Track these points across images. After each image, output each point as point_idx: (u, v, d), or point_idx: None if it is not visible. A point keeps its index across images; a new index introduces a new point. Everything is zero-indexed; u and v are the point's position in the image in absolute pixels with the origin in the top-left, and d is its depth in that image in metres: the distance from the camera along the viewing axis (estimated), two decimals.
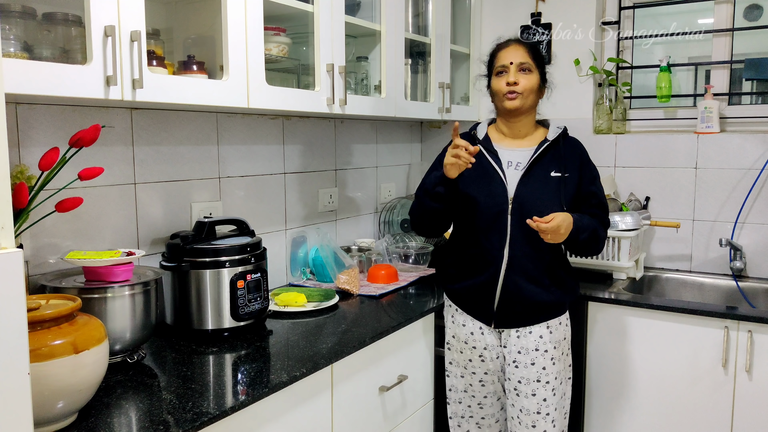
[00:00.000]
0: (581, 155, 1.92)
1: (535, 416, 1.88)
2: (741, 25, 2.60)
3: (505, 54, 1.88)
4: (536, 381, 1.87)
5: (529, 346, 1.88)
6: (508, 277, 1.85)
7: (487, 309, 1.89)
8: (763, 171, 2.48)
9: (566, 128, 1.94)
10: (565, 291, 1.91)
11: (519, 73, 1.85)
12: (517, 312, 1.87)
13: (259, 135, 2.24)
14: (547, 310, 1.89)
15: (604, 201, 1.93)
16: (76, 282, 1.51)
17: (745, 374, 2.02)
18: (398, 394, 1.95)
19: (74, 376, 1.18)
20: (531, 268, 1.84)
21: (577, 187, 1.88)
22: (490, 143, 1.92)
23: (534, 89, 1.87)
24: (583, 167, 1.91)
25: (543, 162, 1.87)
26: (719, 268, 2.59)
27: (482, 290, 1.88)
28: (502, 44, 1.92)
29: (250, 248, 1.82)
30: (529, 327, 1.88)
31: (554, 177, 1.86)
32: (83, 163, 1.60)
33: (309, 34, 2.02)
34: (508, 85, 1.84)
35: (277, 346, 1.72)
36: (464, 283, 1.92)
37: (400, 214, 2.87)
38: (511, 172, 1.87)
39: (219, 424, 1.30)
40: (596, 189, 1.92)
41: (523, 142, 1.92)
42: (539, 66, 1.89)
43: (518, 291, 1.85)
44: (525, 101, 1.86)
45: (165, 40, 1.76)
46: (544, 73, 1.93)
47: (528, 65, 1.85)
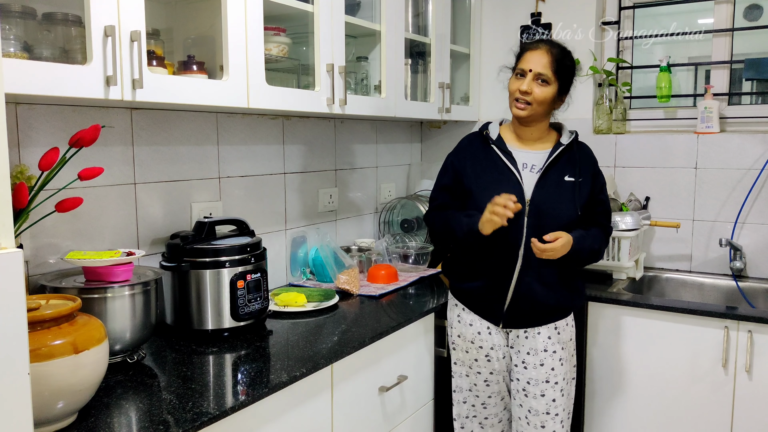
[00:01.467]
0: (594, 163, 1.94)
1: (544, 417, 1.88)
2: (741, 25, 2.60)
3: (529, 57, 1.82)
4: (545, 382, 1.87)
5: (537, 347, 1.88)
6: (521, 278, 1.84)
7: (497, 309, 1.89)
8: (763, 171, 2.48)
9: (577, 133, 1.94)
10: (574, 294, 1.92)
11: (534, 81, 1.80)
12: (527, 313, 1.87)
13: (259, 135, 2.24)
14: (555, 312, 1.89)
15: (609, 209, 1.97)
16: (76, 282, 1.51)
17: (745, 374, 2.02)
18: (398, 394, 1.95)
19: (74, 376, 1.17)
20: (545, 271, 1.84)
21: (590, 193, 1.89)
22: (504, 144, 1.90)
23: (547, 101, 1.82)
24: (596, 174, 1.93)
25: (558, 166, 1.86)
26: (719, 268, 2.59)
27: (494, 290, 1.88)
28: (532, 45, 1.85)
29: (250, 248, 1.82)
30: (537, 328, 1.88)
31: (568, 181, 1.86)
32: (83, 163, 1.60)
33: (309, 34, 2.02)
34: (521, 92, 1.81)
35: (277, 346, 1.72)
36: (476, 282, 1.91)
37: (400, 215, 2.87)
38: (526, 174, 1.86)
39: (219, 424, 1.30)
40: (604, 197, 1.95)
41: (536, 144, 1.91)
42: (560, 78, 1.83)
43: (530, 292, 1.85)
44: (533, 112, 1.83)
45: (165, 40, 1.76)
46: (566, 85, 1.87)
47: (546, 77, 1.80)
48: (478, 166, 1.90)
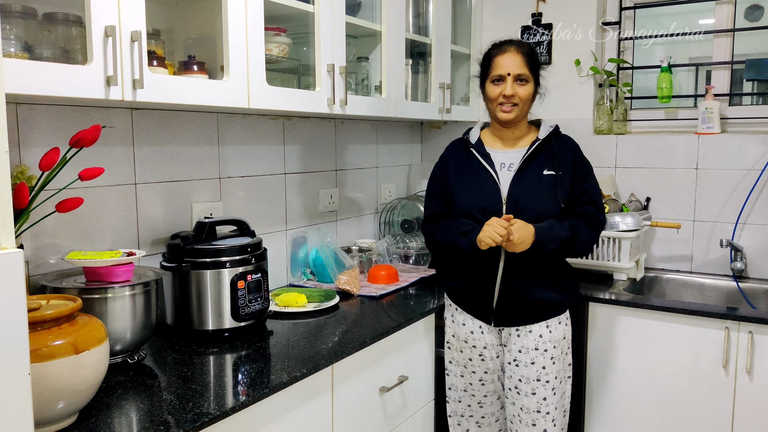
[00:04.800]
0: (574, 152, 1.91)
1: (535, 415, 1.88)
2: (742, 26, 2.60)
3: (502, 61, 1.84)
4: (536, 380, 1.88)
5: (529, 345, 1.88)
6: (506, 275, 1.85)
7: (486, 307, 1.90)
8: (763, 172, 2.47)
9: (558, 126, 1.94)
10: (564, 290, 1.91)
11: (516, 84, 1.83)
12: (517, 310, 1.88)
13: (259, 135, 2.24)
14: (546, 309, 1.89)
15: (595, 198, 1.90)
16: (77, 282, 1.51)
17: (745, 375, 2.02)
18: (399, 394, 1.95)
19: (75, 376, 1.17)
20: (529, 267, 1.85)
21: (571, 184, 1.87)
22: (482, 146, 1.93)
23: (530, 98, 1.87)
24: (576, 165, 1.89)
25: (536, 161, 1.87)
26: (720, 269, 2.59)
27: (481, 288, 1.89)
28: (500, 48, 1.87)
29: (251, 249, 1.82)
30: (529, 326, 1.89)
31: (548, 175, 1.86)
32: (84, 164, 1.60)
33: (309, 34, 2.02)
34: (505, 97, 1.83)
35: (277, 346, 1.72)
36: (463, 281, 1.93)
37: (401, 215, 2.87)
38: (504, 173, 1.88)
39: (219, 424, 1.30)
40: (587, 186, 1.89)
41: (516, 143, 1.93)
42: (535, 73, 1.87)
43: (517, 289, 1.85)
44: (520, 112, 1.86)
45: (165, 41, 1.76)
46: (538, 77, 1.90)
47: (525, 76, 1.84)
48: (459, 170, 1.94)
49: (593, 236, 1.88)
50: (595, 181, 1.94)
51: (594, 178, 1.94)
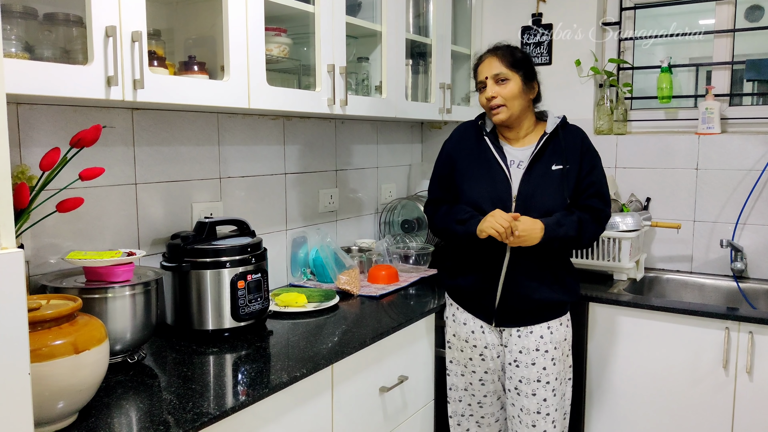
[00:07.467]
0: (582, 143, 1.90)
1: (535, 416, 1.88)
2: (742, 26, 2.60)
3: (481, 69, 1.89)
4: (536, 381, 1.88)
5: (530, 345, 1.88)
6: (509, 274, 1.85)
7: (488, 307, 1.90)
8: (764, 172, 2.47)
9: (565, 117, 1.93)
10: (566, 291, 1.91)
11: (496, 85, 1.85)
12: (518, 310, 1.88)
13: (259, 135, 2.24)
14: (547, 310, 1.89)
15: (602, 190, 1.89)
16: (77, 282, 1.51)
17: (745, 375, 2.02)
18: (399, 394, 1.95)
19: (74, 376, 1.18)
20: (533, 266, 1.85)
21: (577, 177, 1.86)
22: (497, 139, 1.93)
23: (516, 95, 1.85)
24: (583, 155, 1.88)
25: (544, 157, 1.87)
26: (720, 269, 2.59)
27: (483, 287, 1.89)
28: (480, 58, 1.92)
29: (251, 249, 1.82)
30: (530, 327, 1.88)
31: (556, 170, 1.85)
32: (84, 164, 1.61)
33: (310, 34, 2.02)
34: (488, 100, 1.86)
35: (277, 346, 1.72)
36: (466, 279, 1.93)
37: (401, 215, 2.87)
38: (514, 170, 1.88)
39: (219, 424, 1.30)
40: (594, 178, 1.88)
41: (525, 140, 1.93)
42: (518, 68, 1.85)
43: (519, 289, 1.85)
44: (510, 111, 1.86)
45: (166, 41, 1.77)
46: (529, 72, 1.88)
47: (503, 74, 1.84)
48: (470, 159, 1.93)
49: (598, 230, 1.89)
50: (602, 172, 1.92)
51: (601, 169, 1.92)
